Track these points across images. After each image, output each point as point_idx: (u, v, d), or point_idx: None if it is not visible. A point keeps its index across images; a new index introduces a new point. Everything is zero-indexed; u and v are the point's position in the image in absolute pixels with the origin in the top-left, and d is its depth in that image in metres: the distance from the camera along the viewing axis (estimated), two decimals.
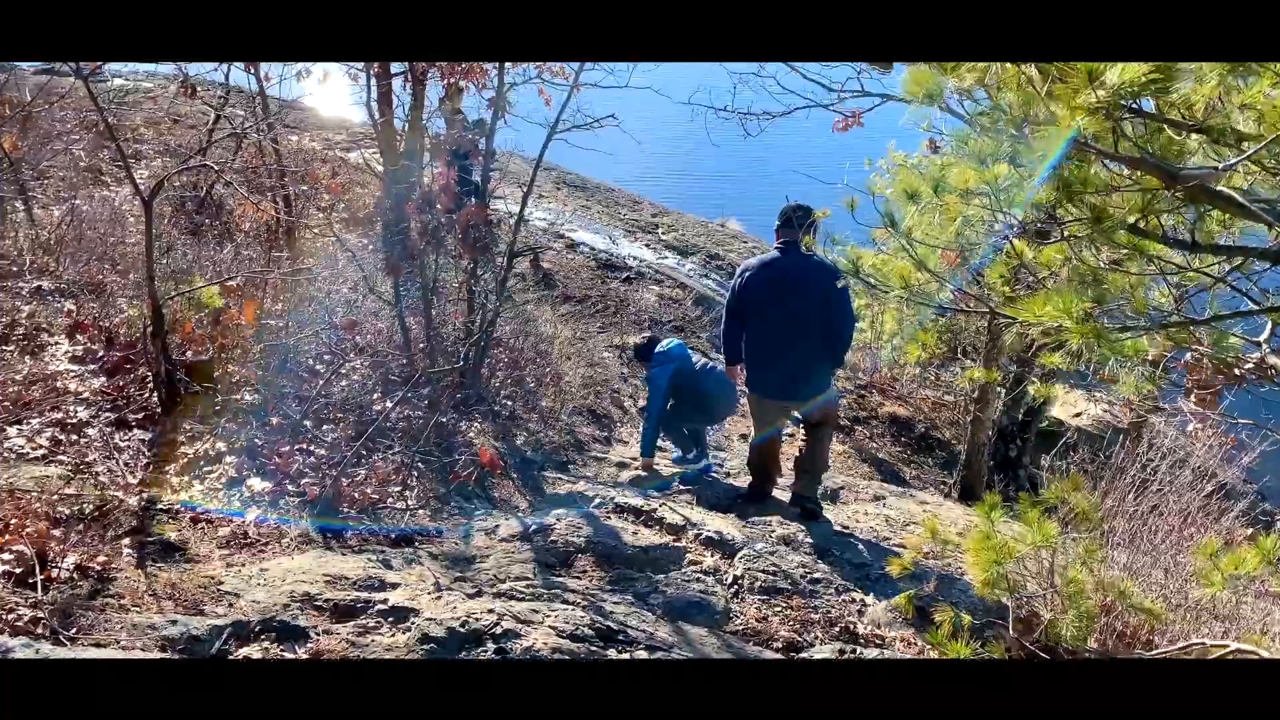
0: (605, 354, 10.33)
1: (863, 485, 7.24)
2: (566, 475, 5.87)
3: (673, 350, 6.22)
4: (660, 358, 6.19)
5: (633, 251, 13.93)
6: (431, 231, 6.15)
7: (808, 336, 5.10)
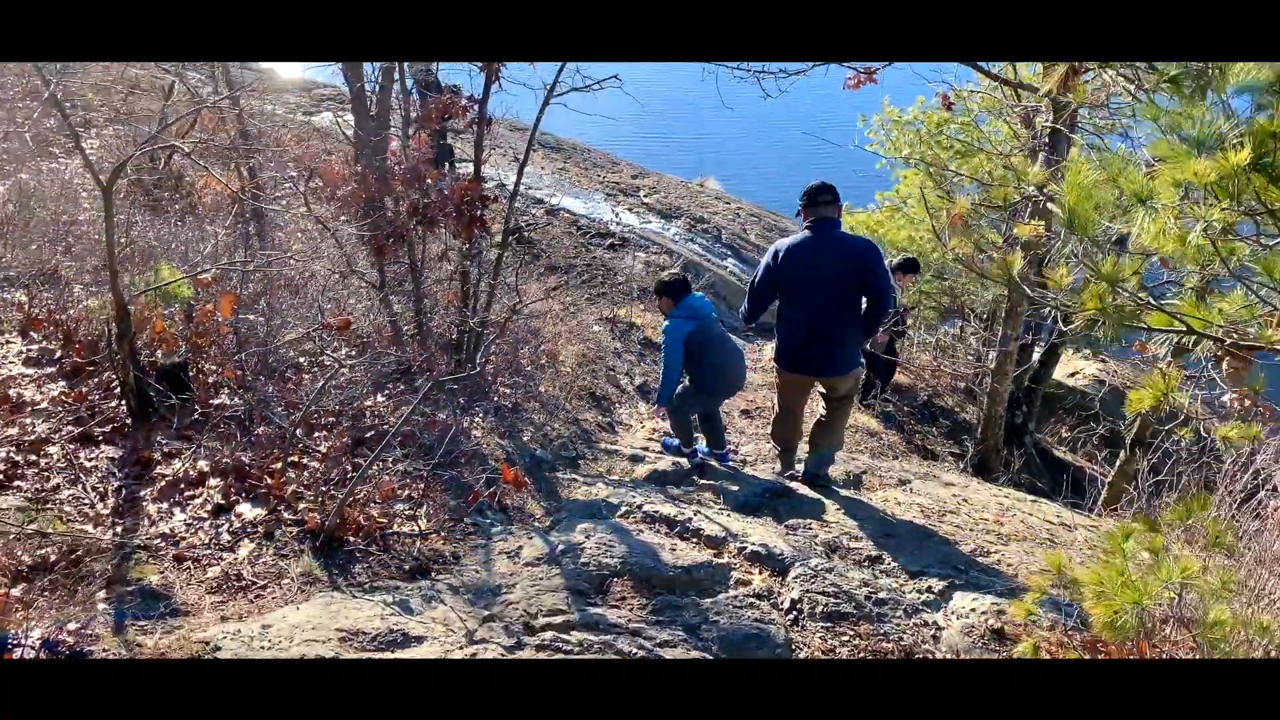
0: (596, 327, 9.83)
1: (884, 468, 6.85)
2: (580, 475, 5.40)
3: (697, 307, 5.61)
4: (685, 310, 5.58)
5: (616, 215, 13.37)
6: (422, 210, 5.60)
7: (844, 313, 5.10)
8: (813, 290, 5.03)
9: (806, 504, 5.30)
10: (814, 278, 5.00)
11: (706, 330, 5.60)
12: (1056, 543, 5.73)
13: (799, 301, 5.11)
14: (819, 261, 4.98)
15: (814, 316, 5.09)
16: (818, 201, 5.06)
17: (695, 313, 5.60)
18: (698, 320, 5.57)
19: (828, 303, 5.04)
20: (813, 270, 4.99)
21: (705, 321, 5.60)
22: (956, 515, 5.76)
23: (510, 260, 9.40)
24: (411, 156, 5.88)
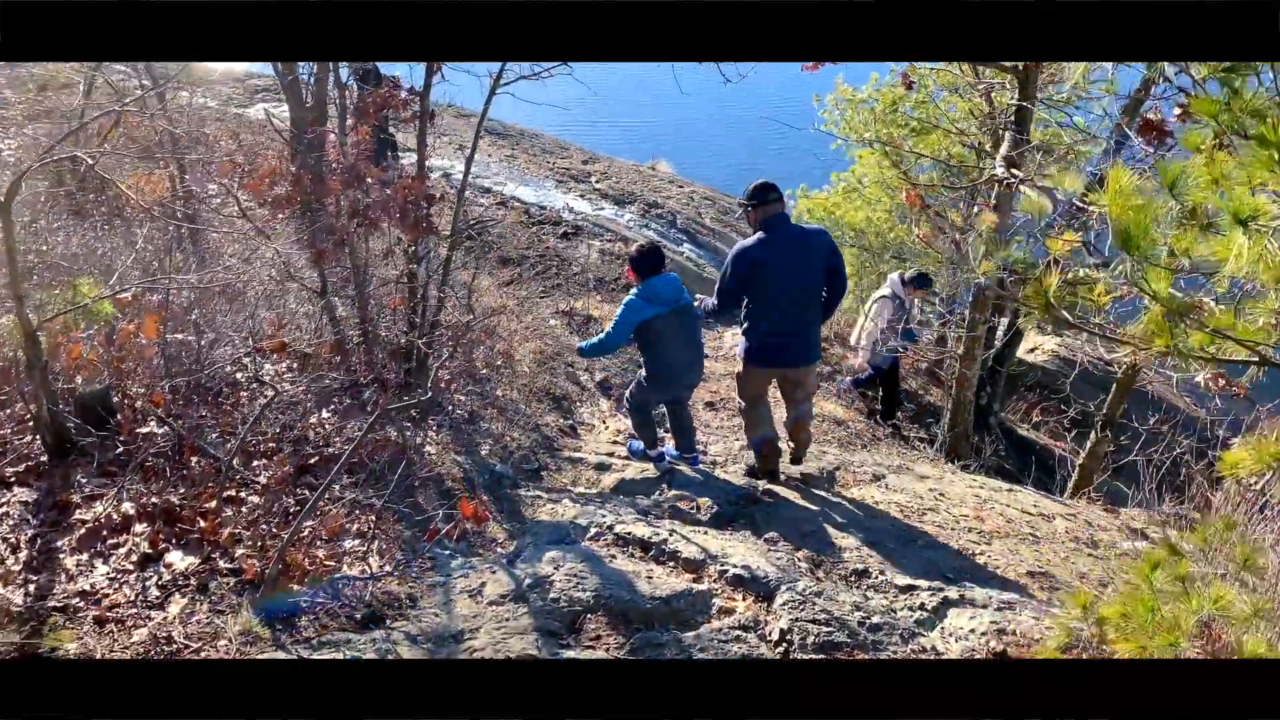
0: (553, 321, 9.49)
1: (856, 462, 6.62)
2: (543, 490, 5.08)
3: (661, 292, 5.25)
4: (647, 292, 5.26)
5: (568, 203, 12.99)
6: (362, 211, 5.22)
7: (815, 303, 5.29)
8: (786, 286, 5.10)
9: (783, 510, 5.04)
10: (785, 274, 5.08)
11: (665, 321, 5.28)
12: (1039, 537, 5.55)
13: (774, 299, 5.14)
14: (788, 258, 5.06)
15: (790, 311, 5.17)
16: (769, 200, 5.17)
17: (657, 298, 5.25)
18: (657, 309, 5.25)
19: (803, 295, 5.18)
20: (784, 267, 5.06)
21: (666, 311, 5.27)
22: (936, 513, 5.55)
23: (461, 257, 9.01)
24: (350, 154, 5.49)
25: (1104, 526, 6.23)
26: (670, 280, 5.32)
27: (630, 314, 5.26)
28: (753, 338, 5.30)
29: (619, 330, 5.31)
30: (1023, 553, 5.17)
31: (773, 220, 5.12)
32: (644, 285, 5.26)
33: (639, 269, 5.32)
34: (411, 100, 5.19)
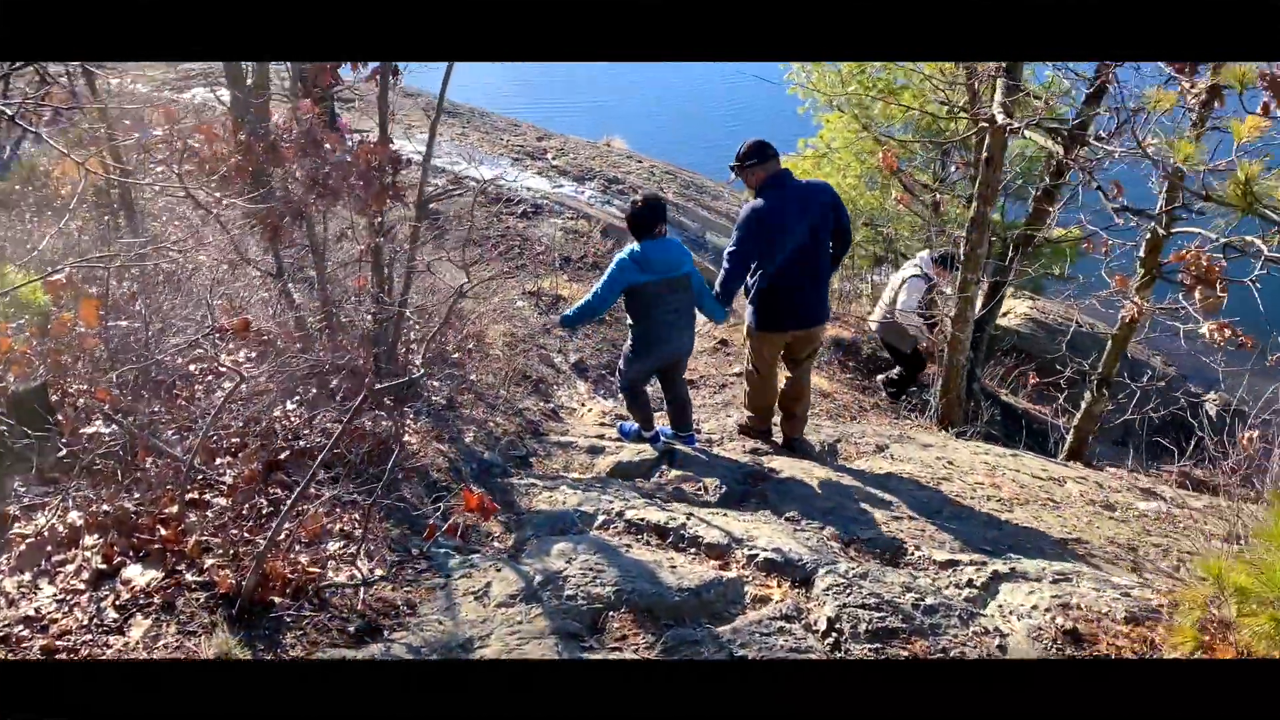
0: (520, 303, 9.05)
1: (856, 434, 6.30)
2: (536, 477, 4.66)
3: (654, 259, 4.84)
4: (639, 257, 4.85)
5: (526, 181, 12.50)
6: (321, 180, 4.73)
7: (825, 259, 5.15)
8: (798, 244, 4.93)
9: (795, 487, 4.69)
10: (796, 231, 4.90)
11: (655, 286, 4.89)
12: (1058, 502, 5.28)
13: (788, 258, 4.96)
14: (802, 214, 4.89)
15: (804, 269, 5.01)
16: (768, 156, 4.96)
17: (649, 265, 4.84)
18: (649, 276, 4.85)
19: (813, 252, 5.01)
20: (794, 224, 4.89)
21: (658, 280, 4.87)
22: (951, 482, 5.25)
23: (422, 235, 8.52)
24: (304, 120, 4.99)
25: (1115, 488, 5.99)
26: (667, 246, 4.91)
27: (620, 273, 4.87)
28: (766, 303, 5.10)
29: (607, 290, 4.92)
30: (1047, 519, 4.89)
31: (776, 178, 4.91)
32: (639, 246, 4.86)
33: (635, 227, 4.93)
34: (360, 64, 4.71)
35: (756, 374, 5.50)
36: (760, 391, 5.61)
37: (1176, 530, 5.29)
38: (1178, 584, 3.39)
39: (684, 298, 5.04)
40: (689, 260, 5.00)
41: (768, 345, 5.31)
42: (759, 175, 4.93)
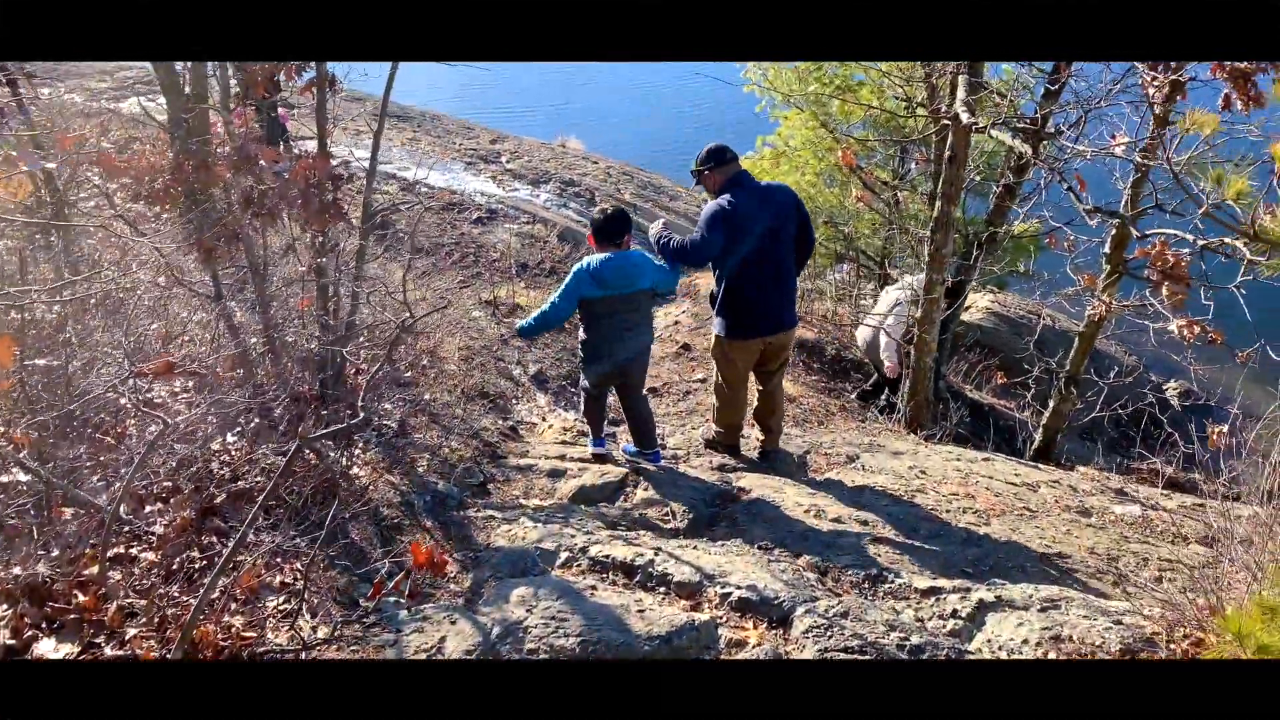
0: (476, 313, 8.77)
1: (826, 443, 6.12)
2: (495, 507, 4.42)
3: (609, 277, 4.72)
4: (596, 270, 4.73)
5: (478, 186, 12.21)
6: (258, 199, 4.45)
7: (788, 262, 5.03)
8: (761, 245, 4.84)
9: (766, 508, 4.50)
10: (759, 233, 4.82)
11: (607, 303, 4.80)
12: (1034, 510, 5.15)
13: (752, 260, 4.87)
14: (759, 215, 4.80)
15: (769, 272, 4.92)
16: (726, 159, 4.91)
17: (605, 283, 4.73)
18: (603, 292, 4.75)
19: (778, 254, 4.92)
20: (757, 225, 4.80)
21: (613, 296, 4.77)
22: (925, 494, 5.09)
23: (371, 248, 8.20)
24: (237, 135, 4.70)
25: (1088, 491, 5.88)
26: (625, 263, 4.78)
27: (576, 285, 4.79)
28: (734, 308, 5.00)
29: (563, 300, 4.84)
30: (1025, 531, 4.74)
31: (735, 179, 4.87)
32: (598, 263, 4.74)
33: (599, 237, 4.84)
34: (306, 66, 4.43)
35: (726, 388, 5.32)
36: (730, 406, 5.44)
37: (1154, 535, 5.18)
38: (1168, 608, 3.23)
39: (638, 315, 4.94)
40: (649, 273, 4.85)
41: (740, 355, 5.16)
42: (716, 179, 4.90)
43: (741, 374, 5.26)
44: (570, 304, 4.84)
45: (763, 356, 5.20)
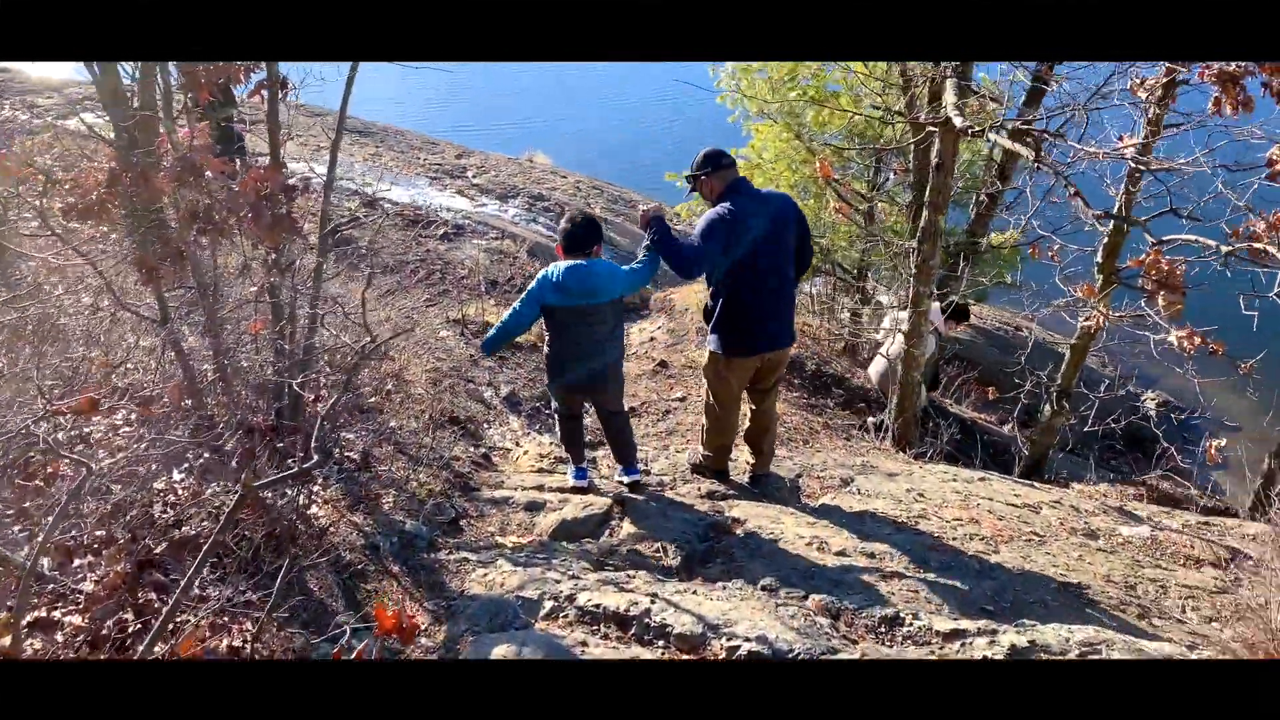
0: (444, 332, 8.39)
1: (817, 465, 5.81)
2: (469, 549, 4.04)
3: (571, 285, 4.46)
4: (559, 277, 4.48)
5: (444, 202, 11.83)
6: (204, 214, 4.07)
7: (787, 274, 4.76)
8: (761, 256, 4.55)
9: (764, 542, 4.16)
10: (759, 242, 4.52)
11: (568, 313, 4.54)
12: (1041, 535, 4.87)
13: (751, 271, 4.57)
14: (759, 224, 4.50)
15: (768, 285, 4.65)
16: (723, 164, 4.63)
17: (567, 291, 4.47)
18: (568, 301, 4.49)
19: (779, 266, 4.66)
20: (757, 234, 4.50)
21: (578, 305, 4.50)
22: (927, 519, 4.80)
23: (332, 266, 7.79)
24: (181, 145, 4.31)
25: (1090, 511, 5.62)
26: (590, 272, 4.49)
27: (538, 291, 4.56)
28: (731, 322, 4.70)
29: (525, 306, 4.61)
30: (1037, 559, 4.46)
31: (735, 185, 4.58)
32: (561, 270, 4.50)
33: (565, 247, 4.60)
34: (254, 66, 4.05)
35: (718, 407, 5.00)
36: (721, 427, 5.13)
37: (1165, 558, 4.93)
38: (1197, 639, 2.95)
39: (604, 329, 4.63)
40: (618, 283, 4.57)
41: (735, 372, 4.84)
42: (714, 185, 4.60)
43: (735, 394, 4.97)
44: (532, 310, 4.60)
45: (757, 374, 4.91)
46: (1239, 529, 5.71)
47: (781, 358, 4.93)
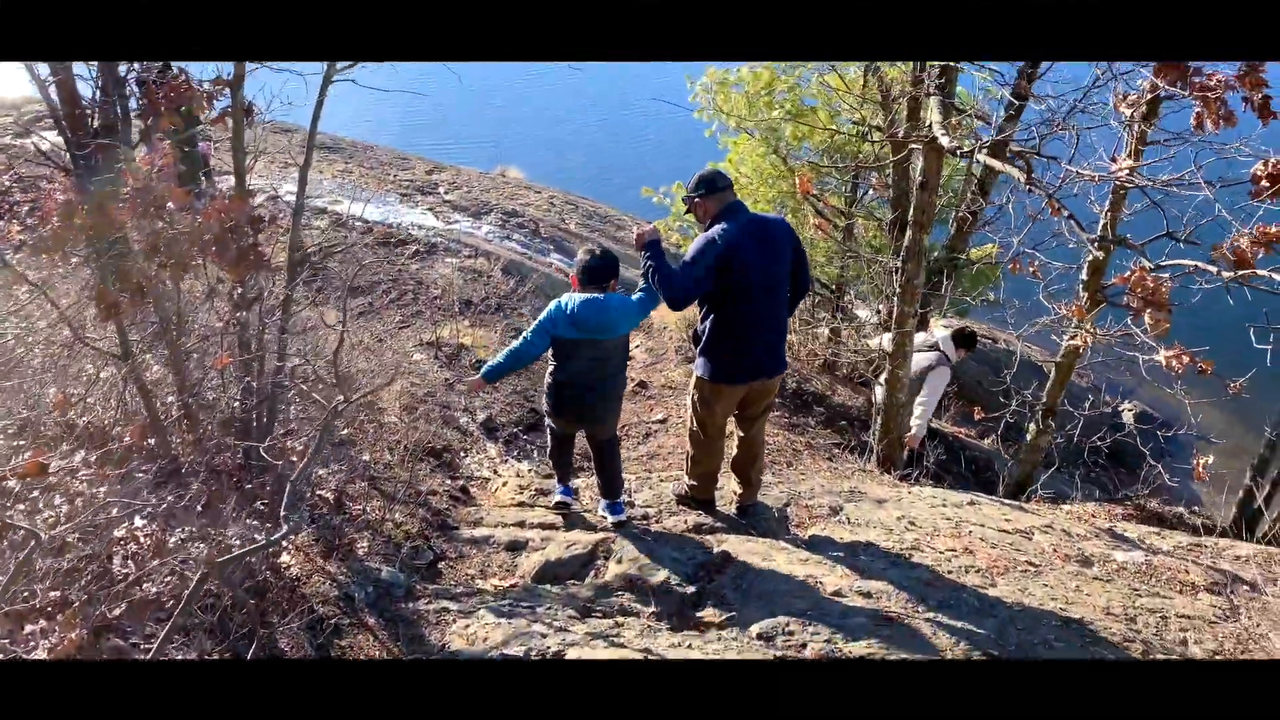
0: (418, 356, 8.19)
1: (804, 492, 5.67)
2: (448, 597, 3.85)
3: (585, 317, 4.45)
4: (572, 309, 4.46)
5: (416, 219, 11.63)
6: (167, 246, 3.87)
7: (781, 301, 4.67)
8: (756, 282, 4.43)
9: (757, 580, 4.02)
10: (754, 269, 4.39)
11: (586, 348, 4.53)
12: (1036, 565, 4.76)
13: (745, 298, 4.45)
14: (755, 249, 4.37)
15: (762, 312, 4.54)
16: (719, 187, 4.50)
17: (581, 324, 4.46)
18: (581, 335, 4.49)
19: (773, 292, 4.56)
20: (752, 260, 4.37)
21: (583, 338, 4.49)
22: (921, 551, 4.68)
23: (300, 292, 7.56)
24: (140, 174, 4.11)
25: (1082, 534, 5.53)
26: (606, 308, 4.48)
27: (552, 323, 4.51)
28: (720, 349, 4.56)
29: (537, 336, 4.55)
30: (1035, 592, 4.34)
31: (730, 209, 4.45)
32: (578, 303, 4.48)
33: (582, 280, 4.57)
34: (218, 93, 3.86)
35: (703, 435, 4.85)
36: (706, 455, 4.97)
37: (1161, 584, 4.84)
38: None
39: (611, 364, 4.63)
40: (630, 318, 4.58)
41: (722, 400, 4.71)
42: (709, 208, 4.48)
43: (720, 421, 4.84)
44: (543, 341, 4.55)
45: (745, 401, 4.77)
46: (1231, 549, 5.64)
47: (771, 386, 4.79)
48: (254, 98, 4.30)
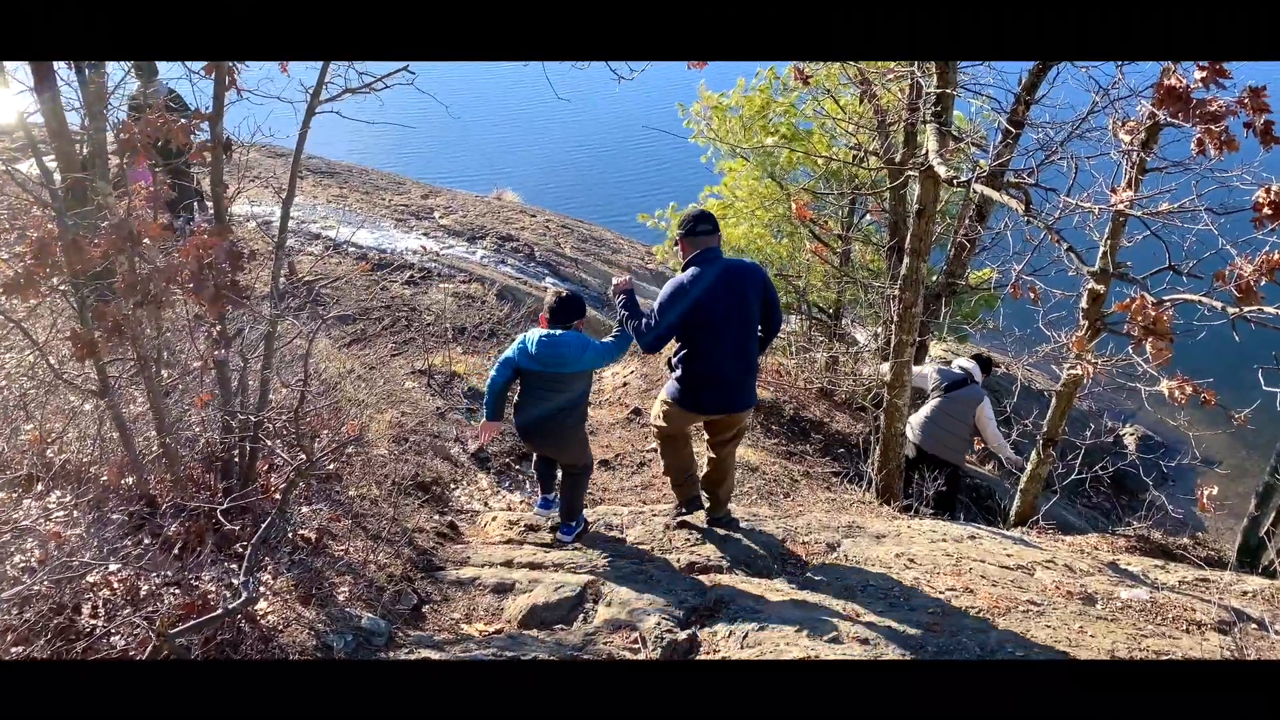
0: (409, 384, 8.08)
1: (802, 529, 5.55)
2: (431, 643, 3.73)
3: (541, 353, 4.75)
4: (531, 346, 4.79)
5: (410, 244, 11.54)
6: (143, 284, 3.77)
7: (754, 342, 4.89)
8: (724, 325, 4.69)
9: (750, 629, 3.88)
10: (722, 312, 4.66)
11: (534, 376, 4.87)
12: (1039, 605, 4.64)
13: (712, 339, 4.70)
14: (723, 294, 4.64)
15: (728, 352, 4.75)
16: (697, 232, 4.73)
17: (536, 359, 4.78)
18: (537, 367, 4.81)
19: (741, 335, 4.77)
20: (719, 304, 4.64)
21: (537, 369, 4.82)
22: (920, 591, 4.58)
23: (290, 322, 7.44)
24: (118, 209, 4.01)
25: (1085, 570, 5.41)
26: (560, 345, 4.77)
27: (515, 354, 4.89)
28: (688, 380, 4.84)
29: (498, 370, 4.95)
30: (1037, 634, 4.22)
31: (704, 254, 4.69)
32: (535, 341, 4.81)
33: (549, 319, 4.88)
34: (196, 126, 3.77)
35: (664, 434, 5.20)
36: (671, 449, 5.25)
37: (1167, 623, 4.71)
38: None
39: (560, 398, 4.89)
40: (587, 359, 4.81)
41: (678, 418, 5.03)
42: (685, 248, 4.77)
43: (677, 429, 5.15)
44: (505, 372, 4.91)
45: (713, 426, 5.11)
46: (1237, 584, 5.52)
47: (737, 419, 5.04)
48: (239, 129, 4.22)
